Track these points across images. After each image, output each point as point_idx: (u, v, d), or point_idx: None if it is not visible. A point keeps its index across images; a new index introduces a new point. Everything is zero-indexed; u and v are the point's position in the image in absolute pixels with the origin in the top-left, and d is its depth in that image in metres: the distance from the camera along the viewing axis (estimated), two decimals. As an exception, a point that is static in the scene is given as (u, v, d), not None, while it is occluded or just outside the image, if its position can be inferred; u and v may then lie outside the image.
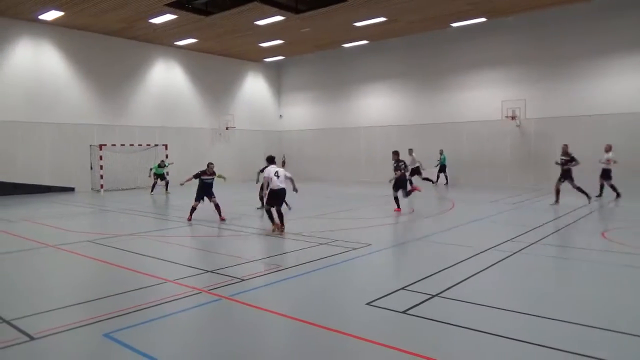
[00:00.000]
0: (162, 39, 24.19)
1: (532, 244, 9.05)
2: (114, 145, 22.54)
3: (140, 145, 23.66)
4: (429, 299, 5.81)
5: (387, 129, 26.55)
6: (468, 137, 23.76)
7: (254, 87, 30.89)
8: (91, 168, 22.40)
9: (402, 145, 24.39)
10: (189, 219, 12.39)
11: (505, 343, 4.51)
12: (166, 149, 23.79)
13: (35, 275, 7.46)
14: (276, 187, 10.41)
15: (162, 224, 12.96)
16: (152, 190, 20.57)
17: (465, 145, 23.82)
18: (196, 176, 12.60)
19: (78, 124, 22.14)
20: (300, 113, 31.26)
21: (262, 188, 12.02)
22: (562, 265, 7.78)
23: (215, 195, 12.72)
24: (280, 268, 7.47)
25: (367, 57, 27.26)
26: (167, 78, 25.97)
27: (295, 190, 11.03)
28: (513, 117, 21.85)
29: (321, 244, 9.32)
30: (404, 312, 5.33)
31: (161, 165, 20.93)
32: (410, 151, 21.18)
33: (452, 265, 7.48)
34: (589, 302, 5.83)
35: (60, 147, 21.47)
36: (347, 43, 26.20)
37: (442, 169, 23.35)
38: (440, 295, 5.95)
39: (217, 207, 12.46)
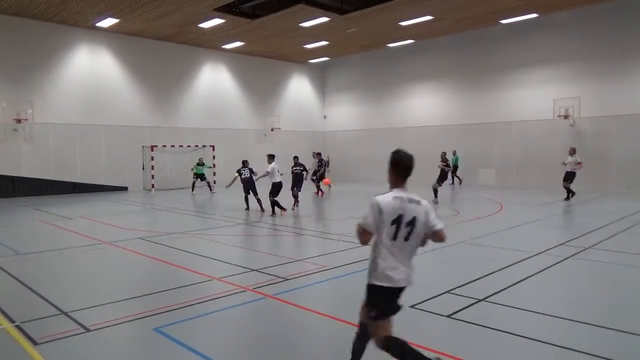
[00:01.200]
0: (210, 43, 24.84)
1: (585, 249, 8.66)
2: (165, 146, 23.37)
3: (189, 146, 24.39)
4: (475, 303, 5.68)
5: (434, 129, 26.10)
6: (518, 137, 22.99)
7: (299, 88, 31.18)
8: (143, 168, 23.28)
9: (449, 145, 23.99)
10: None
11: (550, 350, 4.35)
12: (213, 149, 24.42)
13: (90, 270, 7.86)
14: (277, 180, 13.58)
15: (208, 222, 13.30)
16: (192, 190, 21.13)
17: (515, 145, 23.05)
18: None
19: (131, 126, 23.09)
20: (345, 114, 31.26)
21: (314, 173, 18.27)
22: (614, 271, 7.40)
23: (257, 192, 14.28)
24: (324, 268, 7.51)
25: (413, 56, 26.91)
26: (214, 81, 26.66)
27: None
28: (566, 116, 20.96)
29: (358, 245, 9.28)
30: (448, 316, 5.24)
31: (200, 163, 21.36)
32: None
33: (500, 270, 7.28)
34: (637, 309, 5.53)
35: (114, 148, 22.46)
36: (393, 43, 25.98)
37: (454, 169, 23.40)
38: (487, 299, 5.81)
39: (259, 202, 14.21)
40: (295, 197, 14.85)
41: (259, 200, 14.18)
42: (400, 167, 3.46)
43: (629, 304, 5.81)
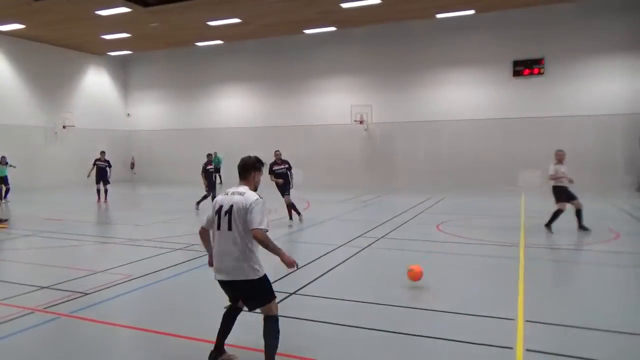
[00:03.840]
0: (-20, 23, 20.83)
1: (379, 239, 9.78)
2: None
3: (-48, 144, 20.02)
4: (288, 297, 5.90)
5: (244, 131, 26.44)
6: (321, 139, 24.82)
7: (97, 82, 28.31)
8: None
9: (262, 146, 24.56)
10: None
11: (361, 333, 4.79)
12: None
13: None
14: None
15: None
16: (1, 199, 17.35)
17: (319, 147, 24.82)
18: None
19: None
20: (151, 112, 29.54)
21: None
22: (408, 256, 8.54)
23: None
24: (129, 278, 6.92)
25: (222, 57, 26.88)
26: (-13, 68, 22.39)
27: None
28: (361, 122, 23.44)
29: (176, 249, 8.90)
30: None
31: (2, 162, 17.69)
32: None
33: (309, 263, 7.72)
34: (438, 288, 6.50)
35: None
36: (201, 42, 25.50)
37: (216, 170, 24.52)
38: (298, 292, 6.09)
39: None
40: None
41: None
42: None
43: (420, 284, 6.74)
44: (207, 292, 6.49)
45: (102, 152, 17.83)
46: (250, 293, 3.72)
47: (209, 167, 14.98)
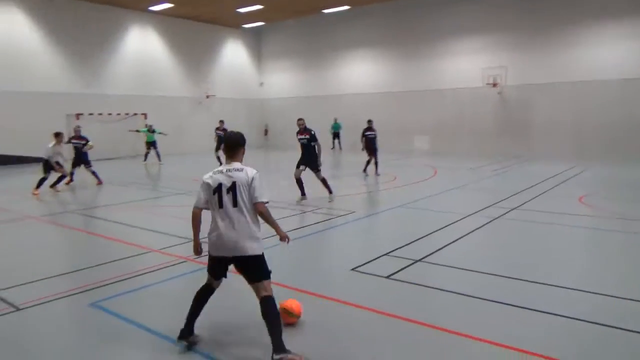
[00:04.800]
0: (136, 4, 23.37)
1: (513, 209, 9.25)
2: (91, 114, 22.02)
3: (119, 114, 23.15)
4: (412, 263, 5.94)
5: (369, 97, 26.43)
6: (450, 104, 23.80)
7: (234, 54, 30.27)
8: (69, 139, 21.83)
9: (385, 112, 24.44)
10: None
11: (486, 305, 4.66)
12: (145, 117, 23.35)
13: (17, 247, 7.36)
14: None
15: (148, 193, 12.82)
16: (145, 159, 20.13)
17: (448, 112, 23.87)
18: None
19: (51, 93, 21.39)
20: (282, 81, 30.85)
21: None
22: (542, 230, 7.98)
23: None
24: (264, 237, 7.49)
25: (349, 23, 26.86)
26: (142, 44, 25.19)
27: None
28: (494, 84, 21.93)
29: (305, 211, 9.37)
30: (387, 277, 5.44)
31: (151, 130, 20.08)
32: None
33: (436, 231, 7.62)
34: (569, 264, 6.03)
35: (33, 116, 20.75)
36: (327, 9, 25.71)
37: (336, 135, 26.43)
38: (424, 260, 6.08)
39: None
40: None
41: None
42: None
43: (554, 258, 6.30)
44: (331, 253, 6.81)
45: (221, 121, 18.77)
46: (255, 267, 3.72)
47: (368, 132, 15.00)
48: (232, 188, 3.62)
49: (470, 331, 4.01)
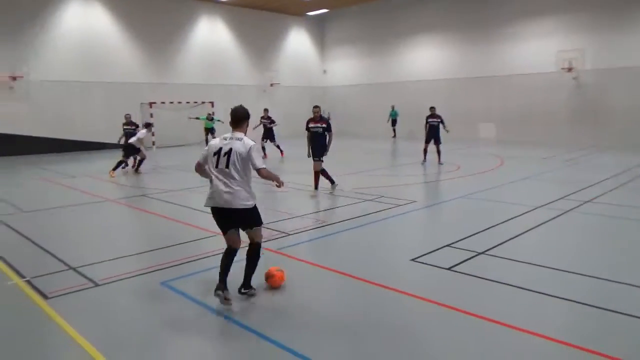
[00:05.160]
0: (206, -5, 24.11)
1: (585, 202, 8.75)
2: (163, 103, 23.14)
3: (188, 102, 24.14)
4: (475, 256, 5.80)
5: (434, 83, 25.74)
6: (518, 91, 22.68)
7: (298, 42, 30.50)
8: (145, 126, 23.05)
9: (449, 99, 23.74)
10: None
11: (550, 301, 4.48)
12: (212, 106, 24.18)
13: (96, 227, 7.95)
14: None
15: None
16: (206, 145, 20.90)
17: (515, 99, 22.78)
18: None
19: (129, 83, 22.69)
20: (345, 68, 30.73)
21: None
22: (612, 224, 7.50)
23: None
24: (326, 223, 7.61)
25: (412, 9, 26.21)
26: (211, 35, 26.01)
27: None
28: (570, 69, 20.63)
29: (366, 200, 9.38)
30: (449, 268, 5.36)
31: (209, 118, 20.98)
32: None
33: (500, 223, 7.38)
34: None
35: (112, 105, 22.10)
36: (394, -7, 25.22)
37: (393, 123, 26.43)
38: (486, 252, 5.92)
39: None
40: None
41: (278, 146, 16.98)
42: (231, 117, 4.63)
43: (629, 256, 5.92)
44: (391, 243, 6.78)
45: (265, 110, 18.91)
46: (245, 218, 4.48)
47: (431, 119, 14.71)
48: (228, 153, 4.39)
49: (532, 327, 3.88)
